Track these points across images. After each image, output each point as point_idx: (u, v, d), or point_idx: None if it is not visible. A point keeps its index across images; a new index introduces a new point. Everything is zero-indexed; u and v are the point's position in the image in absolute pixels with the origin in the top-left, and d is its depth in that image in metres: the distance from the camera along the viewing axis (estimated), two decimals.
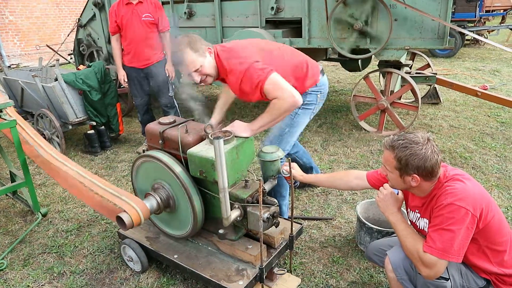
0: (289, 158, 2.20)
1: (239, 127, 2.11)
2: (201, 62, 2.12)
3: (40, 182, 3.72)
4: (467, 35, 9.67)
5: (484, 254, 1.61)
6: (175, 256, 2.20)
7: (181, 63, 2.12)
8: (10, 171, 3.24)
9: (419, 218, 1.76)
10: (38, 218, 3.00)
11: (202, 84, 2.23)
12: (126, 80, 4.13)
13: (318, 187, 3.30)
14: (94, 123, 4.34)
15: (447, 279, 1.60)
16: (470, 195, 1.52)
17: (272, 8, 4.36)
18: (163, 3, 4.27)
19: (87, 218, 3.06)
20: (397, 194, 1.79)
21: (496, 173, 3.45)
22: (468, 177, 1.62)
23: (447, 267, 1.59)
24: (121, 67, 4.11)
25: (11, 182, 3.18)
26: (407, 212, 1.89)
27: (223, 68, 2.18)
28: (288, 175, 2.17)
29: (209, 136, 2.02)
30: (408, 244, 1.63)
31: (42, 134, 4.25)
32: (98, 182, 2.34)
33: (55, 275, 2.44)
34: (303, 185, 3.31)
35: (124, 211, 2.01)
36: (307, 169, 3.15)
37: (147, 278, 2.35)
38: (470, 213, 1.49)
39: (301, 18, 4.31)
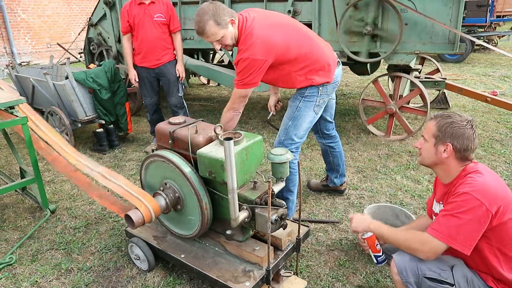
0: (371, 234, 1.92)
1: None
2: (222, 33, 2.27)
3: (49, 179, 3.76)
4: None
5: (495, 256, 1.59)
6: (182, 256, 2.21)
7: (203, 34, 2.27)
8: (20, 167, 3.28)
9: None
10: (46, 214, 3.03)
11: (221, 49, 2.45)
12: (137, 80, 4.15)
13: (325, 191, 3.27)
14: (103, 122, 4.38)
15: (452, 285, 1.59)
16: (490, 190, 1.52)
17: (289, 11, 4.34)
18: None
19: (95, 215, 3.09)
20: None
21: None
22: (493, 174, 1.64)
23: (452, 273, 1.59)
24: (132, 67, 4.14)
25: (21, 178, 3.22)
26: (433, 206, 1.90)
27: (240, 39, 2.33)
28: (371, 234, 1.91)
29: (219, 137, 2.03)
30: (400, 239, 1.72)
31: None
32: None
33: (62, 271, 2.46)
34: (315, 189, 3.30)
35: (136, 207, 2.03)
36: (332, 169, 3.12)
37: (153, 276, 2.36)
38: (484, 206, 1.49)
39: (311, 21, 4.31)
